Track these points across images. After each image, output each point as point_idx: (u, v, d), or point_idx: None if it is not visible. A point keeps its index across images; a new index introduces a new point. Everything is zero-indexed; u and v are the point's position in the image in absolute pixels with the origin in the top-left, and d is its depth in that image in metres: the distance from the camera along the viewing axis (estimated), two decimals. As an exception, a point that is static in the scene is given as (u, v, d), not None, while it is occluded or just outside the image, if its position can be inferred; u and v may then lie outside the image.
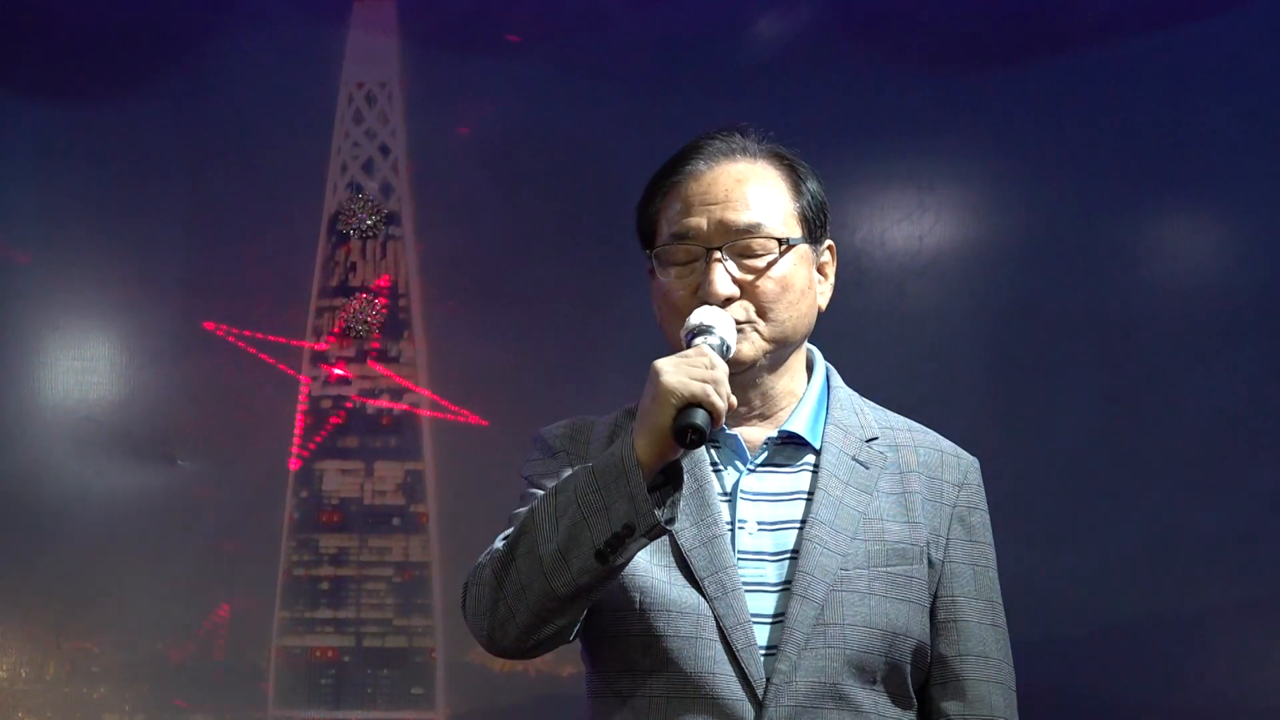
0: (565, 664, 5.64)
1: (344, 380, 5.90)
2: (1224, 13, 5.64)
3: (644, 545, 2.44)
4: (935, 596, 2.67)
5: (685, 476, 2.53)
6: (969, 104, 5.70)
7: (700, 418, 2.39)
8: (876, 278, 5.68)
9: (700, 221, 2.65)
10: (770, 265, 2.64)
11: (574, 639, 2.60)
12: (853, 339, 5.42)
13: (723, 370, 2.44)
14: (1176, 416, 5.53)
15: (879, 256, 5.69)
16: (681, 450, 2.43)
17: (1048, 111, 5.68)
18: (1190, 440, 5.51)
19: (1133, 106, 5.65)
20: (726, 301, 2.61)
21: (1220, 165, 5.62)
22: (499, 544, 2.54)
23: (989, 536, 2.74)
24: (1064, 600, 5.40)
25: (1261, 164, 5.59)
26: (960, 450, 2.78)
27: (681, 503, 2.54)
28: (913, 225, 5.69)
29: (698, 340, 2.52)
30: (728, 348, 2.54)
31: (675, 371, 2.42)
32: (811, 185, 2.73)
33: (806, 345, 2.76)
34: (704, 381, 2.41)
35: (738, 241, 2.63)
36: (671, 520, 2.43)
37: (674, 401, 2.39)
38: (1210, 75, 5.63)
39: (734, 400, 2.45)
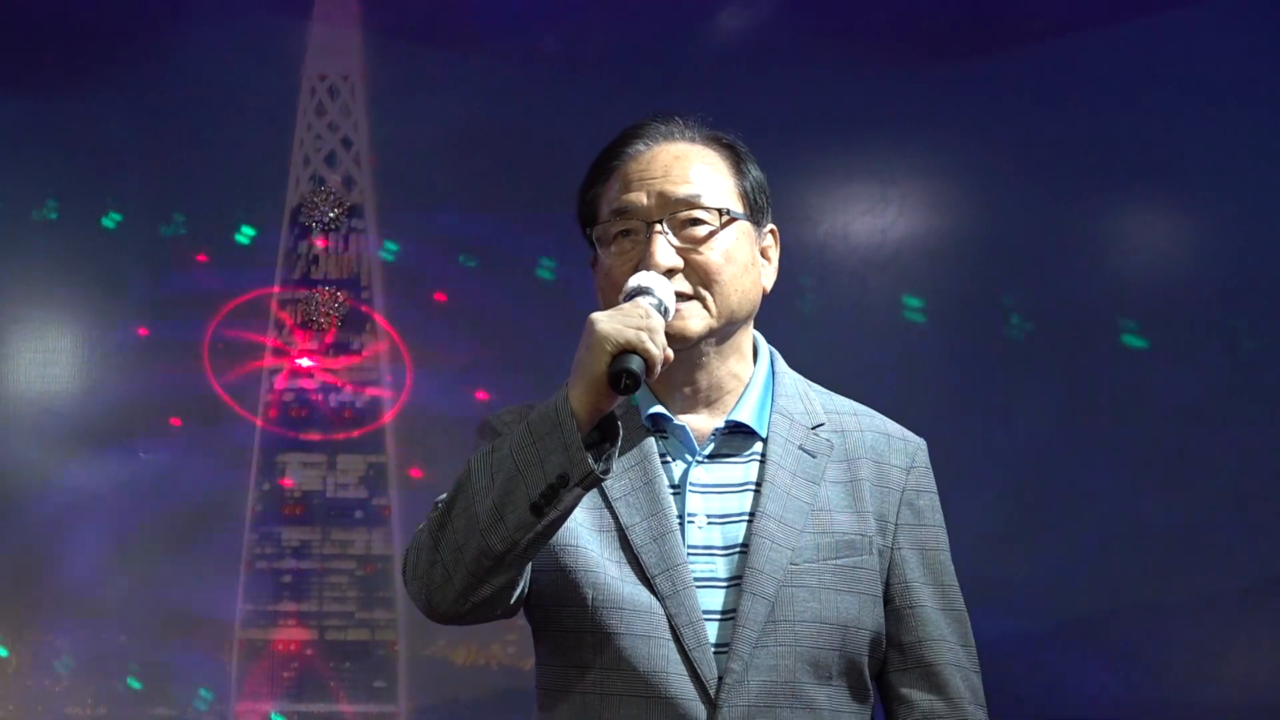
0: (527, 658, 5.64)
1: (306, 373, 5.89)
2: (1186, 6, 5.66)
3: (579, 496, 2.41)
4: (888, 584, 2.64)
5: (635, 470, 2.52)
6: (931, 97, 5.70)
7: (635, 363, 2.36)
8: (839, 270, 5.68)
9: (640, 196, 2.62)
10: (711, 235, 2.61)
11: (515, 604, 2.55)
12: (815, 332, 5.44)
13: (658, 322, 2.41)
14: (1137, 411, 5.54)
15: (842, 249, 5.69)
16: (617, 400, 2.40)
17: (1010, 105, 5.69)
18: (1151, 435, 5.53)
19: (1095, 100, 5.66)
20: (669, 273, 2.57)
21: (1183, 159, 5.64)
22: (437, 506, 2.52)
23: (939, 519, 2.71)
24: (1025, 594, 5.41)
25: (1224, 158, 5.61)
26: (907, 432, 2.75)
27: (632, 497, 2.53)
28: (875, 218, 5.70)
29: (636, 299, 2.49)
30: (666, 309, 2.50)
31: (610, 320, 2.39)
32: (753, 168, 2.71)
33: (752, 331, 2.74)
34: (639, 329, 2.38)
35: (678, 213, 2.60)
36: (606, 471, 2.41)
37: (609, 348, 2.36)
38: (1173, 69, 5.64)
39: (669, 353, 2.42)
